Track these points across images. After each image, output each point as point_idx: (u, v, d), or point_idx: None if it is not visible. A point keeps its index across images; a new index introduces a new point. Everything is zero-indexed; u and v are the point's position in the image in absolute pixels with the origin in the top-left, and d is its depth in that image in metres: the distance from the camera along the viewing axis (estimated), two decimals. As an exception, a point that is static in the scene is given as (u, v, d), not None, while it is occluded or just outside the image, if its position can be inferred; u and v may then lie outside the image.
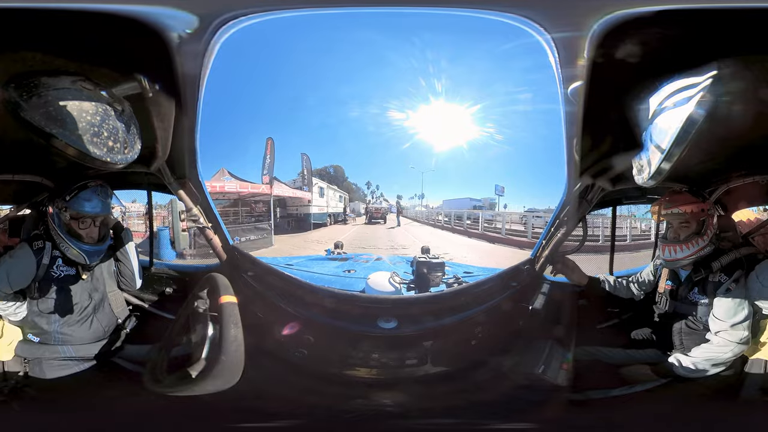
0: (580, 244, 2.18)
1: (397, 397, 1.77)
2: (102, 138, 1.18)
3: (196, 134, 1.69)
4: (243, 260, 2.15)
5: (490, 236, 4.38)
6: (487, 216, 4.46)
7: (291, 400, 1.69)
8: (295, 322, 1.92)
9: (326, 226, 4.81)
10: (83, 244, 1.76)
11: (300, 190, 4.57)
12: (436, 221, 4.81)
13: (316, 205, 4.67)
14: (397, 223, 4.65)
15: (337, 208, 4.91)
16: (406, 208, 4.75)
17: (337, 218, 4.92)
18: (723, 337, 1.62)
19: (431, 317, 1.96)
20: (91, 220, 1.77)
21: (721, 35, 1.14)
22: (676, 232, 1.76)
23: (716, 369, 1.64)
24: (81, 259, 1.77)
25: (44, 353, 1.75)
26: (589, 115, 1.41)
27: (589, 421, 1.60)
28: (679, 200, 1.74)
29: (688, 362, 1.66)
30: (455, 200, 4.71)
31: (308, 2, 1.43)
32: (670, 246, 1.76)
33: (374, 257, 2.94)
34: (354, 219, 4.87)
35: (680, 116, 1.17)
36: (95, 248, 1.79)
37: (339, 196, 4.89)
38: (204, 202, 2.04)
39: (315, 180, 4.63)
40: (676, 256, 1.75)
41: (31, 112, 1.09)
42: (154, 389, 1.29)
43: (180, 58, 1.25)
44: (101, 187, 1.79)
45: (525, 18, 1.30)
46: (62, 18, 1.08)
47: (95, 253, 1.80)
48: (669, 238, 1.78)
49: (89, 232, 1.78)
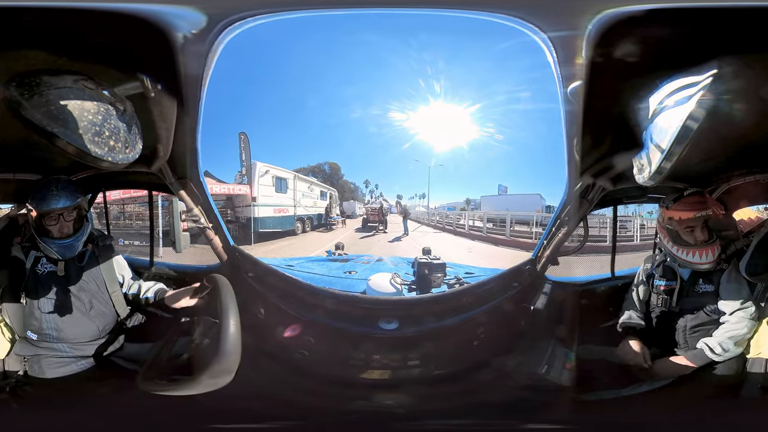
0: (581, 244, 2.18)
1: (399, 398, 1.77)
2: (103, 137, 1.18)
3: (198, 134, 1.69)
4: (244, 261, 2.14)
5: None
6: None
7: (292, 401, 1.68)
8: (296, 323, 1.91)
9: (295, 234, 3.34)
10: (52, 240, 1.75)
11: (241, 185, 3.19)
12: (458, 226, 3.39)
13: (269, 204, 3.20)
14: (404, 230, 3.29)
15: (316, 207, 3.47)
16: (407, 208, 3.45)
17: (318, 222, 3.49)
18: (737, 315, 1.68)
19: (433, 318, 1.96)
20: (57, 215, 1.75)
21: (721, 33, 1.15)
22: (702, 235, 1.74)
23: (738, 348, 1.68)
24: (53, 254, 1.76)
25: (42, 351, 1.74)
26: (589, 114, 1.41)
27: (593, 420, 1.59)
28: (708, 203, 1.75)
29: (714, 343, 1.68)
30: (511, 197, 3.07)
31: (313, 3, 1.44)
32: (700, 250, 1.74)
33: (375, 258, 2.93)
34: (343, 222, 3.51)
35: (681, 115, 1.17)
36: (64, 242, 1.76)
37: (320, 192, 3.45)
38: (205, 203, 2.04)
39: (265, 167, 3.13)
40: (707, 260, 1.74)
41: (33, 111, 1.10)
42: (152, 389, 1.29)
43: (183, 59, 1.26)
44: (58, 181, 1.76)
45: (520, 18, 1.31)
46: (66, 17, 1.08)
47: (66, 247, 1.77)
48: (696, 242, 1.75)
49: (60, 228, 1.76)
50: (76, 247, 1.80)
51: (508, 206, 3.13)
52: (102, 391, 1.62)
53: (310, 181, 3.41)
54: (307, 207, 3.41)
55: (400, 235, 3.25)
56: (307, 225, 3.43)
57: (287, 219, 3.30)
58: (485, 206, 3.21)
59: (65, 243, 1.77)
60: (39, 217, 1.75)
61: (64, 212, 1.76)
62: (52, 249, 1.76)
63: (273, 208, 3.23)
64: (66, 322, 1.77)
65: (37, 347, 1.75)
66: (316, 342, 1.87)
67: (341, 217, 3.49)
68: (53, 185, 1.74)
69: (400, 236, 3.25)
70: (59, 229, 1.76)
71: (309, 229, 3.44)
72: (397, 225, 3.29)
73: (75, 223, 1.80)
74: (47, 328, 1.75)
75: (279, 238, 3.22)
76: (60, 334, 1.76)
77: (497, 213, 3.18)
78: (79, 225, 1.82)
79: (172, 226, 3.24)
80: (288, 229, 3.30)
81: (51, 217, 1.74)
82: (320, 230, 3.47)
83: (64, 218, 1.76)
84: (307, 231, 3.41)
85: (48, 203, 1.72)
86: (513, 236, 3.17)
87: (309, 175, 3.42)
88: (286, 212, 3.29)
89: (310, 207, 3.42)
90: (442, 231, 3.37)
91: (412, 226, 3.29)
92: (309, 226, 3.44)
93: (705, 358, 1.69)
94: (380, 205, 3.37)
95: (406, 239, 3.21)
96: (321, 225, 3.49)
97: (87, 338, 1.80)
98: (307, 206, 3.41)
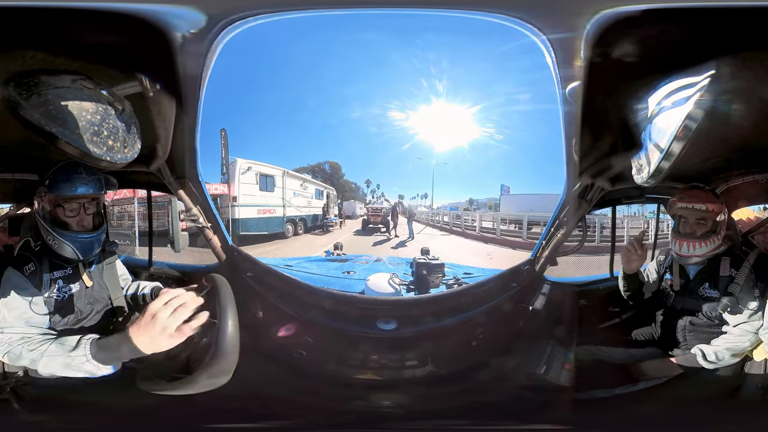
0: (580, 244, 2.18)
1: (396, 399, 1.77)
2: (102, 137, 1.18)
3: (197, 134, 1.69)
4: (242, 261, 2.15)
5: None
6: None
7: (290, 401, 1.68)
8: (294, 323, 1.92)
9: (285, 237, 2.99)
10: (72, 233, 1.47)
11: (218, 184, 2.90)
12: (467, 227, 3.02)
13: (251, 204, 2.85)
14: (409, 234, 2.98)
15: (310, 207, 3.15)
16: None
17: (313, 223, 3.16)
18: (741, 328, 1.66)
19: (431, 318, 1.96)
20: (79, 205, 1.48)
21: (719, 33, 1.15)
22: (692, 228, 1.75)
23: (734, 359, 1.67)
24: (71, 253, 1.48)
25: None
26: (588, 114, 1.41)
27: (592, 420, 1.59)
28: (703, 197, 1.74)
29: (710, 351, 1.67)
30: (531, 197, 2.65)
31: (313, 3, 1.44)
32: (687, 241, 1.75)
33: (374, 258, 2.93)
34: (339, 224, 3.21)
35: (679, 115, 1.18)
36: (88, 236, 1.49)
37: (315, 191, 3.15)
38: (204, 203, 2.05)
39: (247, 163, 2.80)
40: (693, 252, 1.74)
41: (31, 111, 1.09)
42: (151, 388, 1.29)
43: (182, 58, 1.26)
44: (82, 165, 1.48)
45: (517, 19, 1.31)
46: (65, 16, 1.08)
47: (89, 243, 1.50)
48: (683, 233, 1.77)
49: (79, 220, 1.49)
50: (97, 246, 1.55)
51: (531, 206, 2.79)
52: (101, 390, 1.62)
53: (302, 179, 3.07)
54: (299, 207, 3.06)
55: (405, 239, 2.95)
56: (299, 227, 3.09)
57: (274, 220, 2.94)
58: (505, 206, 2.85)
59: (88, 237, 1.49)
60: (54, 207, 1.48)
61: (87, 202, 1.51)
62: (70, 246, 1.46)
63: (257, 209, 2.85)
64: (74, 329, 1.58)
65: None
66: (315, 342, 1.87)
67: (339, 218, 3.17)
68: (81, 167, 1.47)
69: (405, 240, 2.95)
70: (79, 222, 1.49)
71: (302, 231, 3.10)
72: (400, 226, 3.01)
73: (95, 217, 1.55)
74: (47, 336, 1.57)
75: (266, 241, 2.88)
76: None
77: (517, 214, 2.82)
78: (98, 221, 1.56)
79: (171, 226, 3.23)
80: (276, 232, 2.92)
81: (72, 206, 1.47)
82: (316, 233, 3.14)
83: (86, 210, 1.50)
84: (299, 233, 3.07)
85: (75, 186, 1.46)
86: (530, 239, 2.83)
87: (309, 175, 3.15)
88: (273, 213, 2.92)
89: (303, 207, 3.08)
90: (450, 233, 3.10)
91: (417, 228, 3.01)
92: (302, 228, 3.10)
93: (696, 364, 1.68)
94: (382, 206, 3.04)
95: (412, 243, 2.86)
96: (316, 227, 3.16)
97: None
98: (299, 206, 3.06)
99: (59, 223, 1.49)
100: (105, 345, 1.27)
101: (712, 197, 1.75)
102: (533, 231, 2.78)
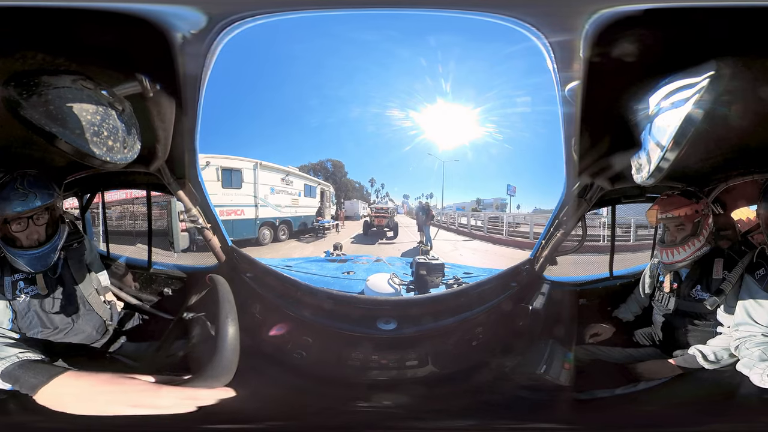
0: (579, 243, 2.18)
1: (397, 399, 1.77)
2: (102, 137, 1.18)
3: (196, 135, 1.69)
4: (242, 261, 2.14)
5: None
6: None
7: (289, 402, 1.68)
8: (293, 324, 1.91)
9: (260, 244, 2.44)
10: (20, 250, 1.45)
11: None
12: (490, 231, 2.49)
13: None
14: (426, 240, 2.39)
15: (297, 207, 2.50)
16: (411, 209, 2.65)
17: (301, 227, 2.55)
18: (740, 329, 1.64)
19: (431, 318, 1.96)
20: (25, 219, 1.44)
21: (718, 34, 1.15)
22: (673, 235, 1.78)
23: (732, 359, 1.66)
24: (25, 267, 1.48)
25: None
26: (587, 114, 1.41)
27: (592, 420, 1.59)
28: (672, 204, 1.76)
29: (708, 351, 1.67)
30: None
31: (314, 3, 1.44)
32: (667, 249, 1.78)
33: (373, 258, 2.93)
34: (336, 227, 2.67)
35: (678, 115, 1.18)
36: (35, 252, 1.45)
37: (304, 187, 2.51)
38: (203, 203, 2.04)
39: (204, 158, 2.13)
40: (674, 259, 1.78)
41: (31, 111, 1.09)
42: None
43: (182, 59, 1.26)
44: (24, 176, 1.44)
45: (516, 19, 1.31)
46: (65, 16, 1.08)
47: (37, 258, 1.47)
48: (666, 242, 1.80)
49: (29, 234, 1.46)
50: (51, 257, 1.50)
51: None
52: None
53: (285, 171, 2.44)
54: (280, 207, 2.47)
55: (425, 246, 2.38)
56: (281, 231, 2.47)
57: (243, 224, 2.36)
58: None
59: (36, 253, 1.46)
60: (3, 223, 1.44)
61: (38, 213, 1.46)
62: (20, 261, 1.45)
63: (218, 210, 2.20)
64: (60, 336, 1.61)
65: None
66: (314, 342, 1.87)
67: (334, 221, 2.69)
68: (18, 182, 1.42)
69: (426, 248, 2.35)
70: (29, 236, 1.46)
71: (285, 236, 2.49)
72: (408, 228, 2.47)
73: (48, 227, 1.50)
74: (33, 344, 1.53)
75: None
76: (52, 346, 1.58)
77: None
78: (53, 229, 1.51)
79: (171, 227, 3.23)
80: (246, 238, 2.36)
81: (18, 222, 1.44)
82: (306, 238, 2.55)
83: (35, 222, 1.47)
84: (282, 239, 2.47)
85: (12, 204, 1.40)
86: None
87: (310, 174, 2.65)
88: (241, 215, 2.37)
89: (285, 207, 2.48)
90: (472, 238, 2.60)
91: (431, 232, 2.45)
92: (286, 232, 2.48)
93: (696, 365, 1.68)
94: (387, 206, 2.58)
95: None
96: (306, 231, 2.57)
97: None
98: (280, 206, 2.47)
99: (8, 239, 1.46)
100: (26, 369, 1.21)
101: (685, 201, 1.75)
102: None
